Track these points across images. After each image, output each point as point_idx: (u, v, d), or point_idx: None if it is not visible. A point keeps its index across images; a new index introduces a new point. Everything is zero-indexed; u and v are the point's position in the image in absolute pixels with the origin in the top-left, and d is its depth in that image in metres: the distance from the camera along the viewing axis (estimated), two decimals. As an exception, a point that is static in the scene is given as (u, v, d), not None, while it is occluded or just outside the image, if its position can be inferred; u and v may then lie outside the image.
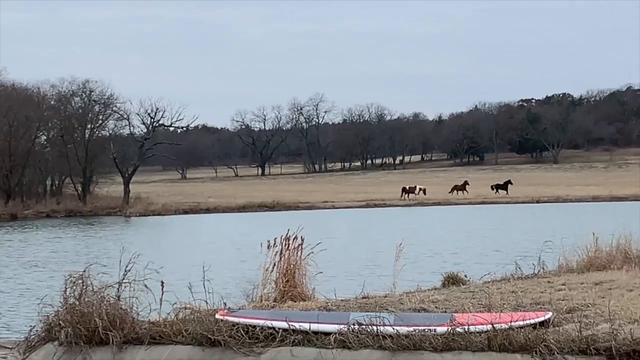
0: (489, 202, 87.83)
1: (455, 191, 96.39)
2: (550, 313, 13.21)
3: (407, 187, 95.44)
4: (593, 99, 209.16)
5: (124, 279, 14.36)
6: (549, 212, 67.84)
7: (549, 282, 17.48)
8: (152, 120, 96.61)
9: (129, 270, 14.43)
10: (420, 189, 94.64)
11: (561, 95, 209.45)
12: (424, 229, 49.23)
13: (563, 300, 14.71)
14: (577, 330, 12.03)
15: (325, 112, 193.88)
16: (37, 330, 14.56)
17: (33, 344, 14.38)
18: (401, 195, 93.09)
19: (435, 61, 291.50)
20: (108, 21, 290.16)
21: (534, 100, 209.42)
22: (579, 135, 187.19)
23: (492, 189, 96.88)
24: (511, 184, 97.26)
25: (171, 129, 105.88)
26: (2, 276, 29.02)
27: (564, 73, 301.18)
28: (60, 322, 14.06)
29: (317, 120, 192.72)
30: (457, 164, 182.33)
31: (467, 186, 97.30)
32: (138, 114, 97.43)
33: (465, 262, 27.77)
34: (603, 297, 14.70)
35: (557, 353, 11.65)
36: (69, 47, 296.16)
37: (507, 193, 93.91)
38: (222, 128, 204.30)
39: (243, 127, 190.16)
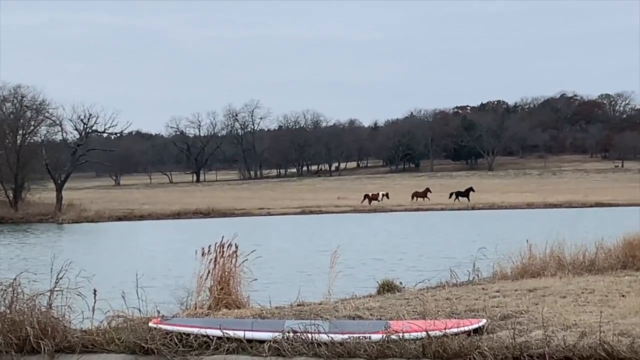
0: (425, 209, 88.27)
1: (415, 198, 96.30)
2: (485, 320, 13.26)
3: (371, 194, 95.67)
4: (527, 106, 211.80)
5: (55, 286, 14.15)
6: (483, 219, 68.36)
7: (483, 289, 17.58)
8: (85, 126, 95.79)
9: (61, 278, 14.23)
10: (382, 195, 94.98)
11: (496, 102, 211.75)
12: (359, 236, 49.31)
13: (497, 307, 14.80)
14: (510, 337, 12.08)
15: (261, 118, 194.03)
16: (-35, 340, 14.29)
17: (-38, 353, 14.12)
18: (362, 201, 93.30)
19: (371, 68, 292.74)
20: (41, 26, 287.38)
21: (469, 107, 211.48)
22: (514, 142, 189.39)
23: (452, 196, 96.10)
24: (473, 191, 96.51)
25: (104, 135, 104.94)
26: None
27: (499, 80, 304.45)
28: (-10, 330, 13.82)
29: (252, 127, 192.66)
30: (393, 171, 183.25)
31: (428, 193, 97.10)
32: (71, 120, 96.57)
33: (400, 269, 27.83)
34: (537, 304, 14.82)
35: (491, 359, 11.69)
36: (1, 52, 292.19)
37: (469, 200, 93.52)
38: (156, 134, 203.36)
39: (178, 133, 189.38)
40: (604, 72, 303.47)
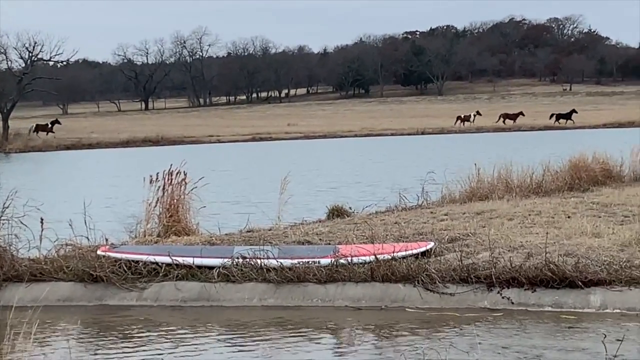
0: (375, 134, 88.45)
1: (459, 122, 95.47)
2: (432, 243, 13.40)
3: (463, 115, 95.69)
4: (476, 31, 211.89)
5: (1, 215, 14.06)
6: (433, 143, 68.66)
7: (431, 212, 17.72)
8: (31, 54, 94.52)
9: (7, 207, 14.13)
10: (474, 115, 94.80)
11: (445, 27, 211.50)
12: (309, 163, 49.36)
13: (445, 230, 14.95)
14: (458, 260, 12.23)
15: (209, 45, 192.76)
16: None
17: None
18: (455, 123, 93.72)
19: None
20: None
21: (418, 33, 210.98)
22: (463, 67, 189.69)
23: (552, 117, 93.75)
24: (576, 112, 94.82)
25: (50, 63, 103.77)
26: None
27: (448, 5, 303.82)
28: None
29: (201, 54, 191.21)
30: (343, 97, 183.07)
31: (474, 117, 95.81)
32: (15, 48, 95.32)
33: (349, 194, 27.92)
34: (484, 227, 14.99)
35: (439, 282, 11.83)
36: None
37: (573, 122, 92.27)
38: (103, 62, 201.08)
39: (125, 61, 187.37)
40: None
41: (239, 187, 33.92)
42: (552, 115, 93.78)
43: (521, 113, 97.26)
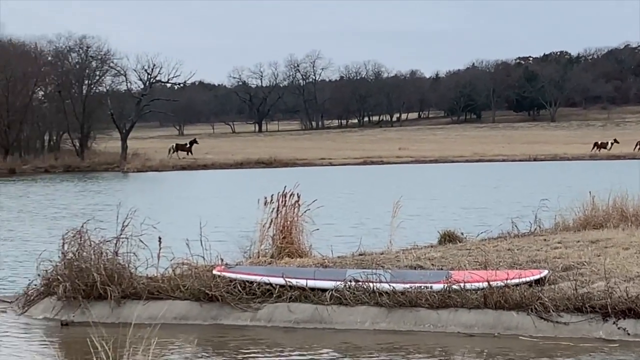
0: (486, 160, 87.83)
1: (596, 148, 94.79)
2: (546, 271, 13.27)
3: (600, 142, 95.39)
4: (591, 56, 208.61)
5: (121, 234, 14.41)
6: (546, 170, 67.85)
7: (545, 240, 17.53)
8: (149, 76, 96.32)
9: (127, 226, 14.47)
10: (611, 143, 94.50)
11: (559, 53, 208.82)
12: (421, 186, 49.26)
13: (559, 258, 14.78)
14: (572, 288, 12.10)
15: (322, 69, 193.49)
16: (35, 285, 14.65)
17: (32, 298, 14.47)
18: (592, 149, 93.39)
19: (433, 17, 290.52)
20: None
21: (531, 58, 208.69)
22: (577, 93, 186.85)
23: (637, 146, 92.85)
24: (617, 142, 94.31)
25: (168, 85, 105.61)
26: (0, 230, 29.05)
27: (562, 31, 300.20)
28: (59, 277, 14.15)
29: (314, 77, 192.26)
30: (454, 122, 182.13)
31: (611, 144, 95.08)
32: (135, 70, 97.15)
33: (461, 220, 27.79)
34: (599, 256, 14.77)
35: (553, 310, 11.73)
36: (65, 1, 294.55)
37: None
38: (219, 84, 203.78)
39: (240, 83, 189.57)
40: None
41: (351, 210, 34.04)
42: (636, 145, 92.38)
43: (616, 140, 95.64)
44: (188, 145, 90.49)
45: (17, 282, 16.99)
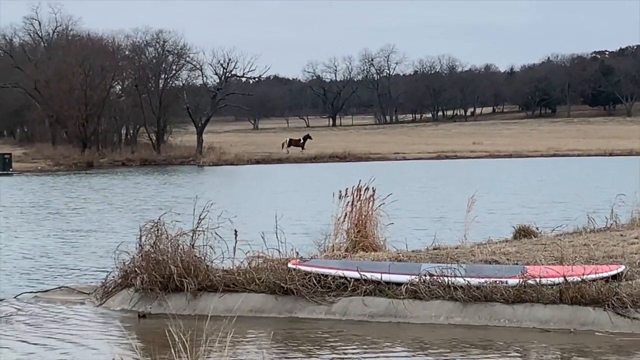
0: (561, 154, 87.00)
1: None
2: (623, 266, 13.15)
3: None
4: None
5: (197, 227, 14.57)
6: (622, 165, 66.99)
7: (621, 235, 17.35)
8: (225, 70, 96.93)
9: (203, 219, 14.62)
10: None
11: (635, 47, 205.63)
12: (495, 181, 48.98)
13: (636, 254, 14.63)
14: (650, 284, 11.98)
15: (396, 63, 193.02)
16: (113, 277, 14.89)
17: (110, 290, 14.71)
18: None
19: (507, 11, 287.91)
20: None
21: (607, 52, 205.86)
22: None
23: None
24: None
25: (243, 79, 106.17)
26: (77, 222, 29.51)
27: (639, 24, 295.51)
28: (136, 269, 14.36)
29: (388, 72, 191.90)
30: (529, 116, 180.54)
31: None
32: (211, 65, 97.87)
33: (536, 214, 27.61)
34: (678, 251, 14.59)
35: (630, 306, 11.62)
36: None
37: None
38: (293, 79, 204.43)
39: (314, 78, 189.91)
40: None
41: (425, 205, 33.99)
42: None
43: None
44: (302, 141, 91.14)
45: (97, 274, 17.29)
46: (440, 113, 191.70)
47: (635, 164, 67.43)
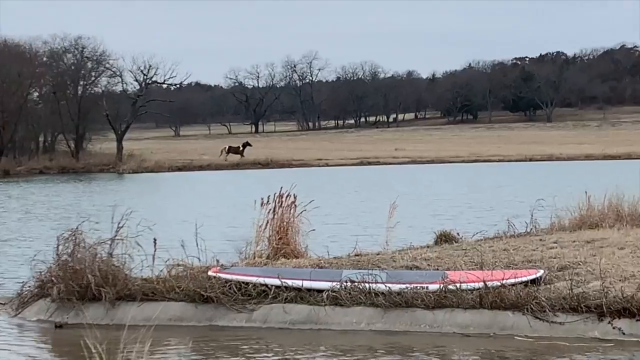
0: (482, 160, 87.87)
1: None
2: (542, 271, 13.26)
3: None
4: (586, 57, 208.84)
5: (116, 235, 14.37)
6: (541, 170, 67.87)
7: (541, 240, 17.52)
8: (145, 77, 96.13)
9: (122, 227, 14.43)
10: None
11: (555, 53, 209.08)
12: (417, 188, 49.25)
13: (555, 258, 14.76)
14: (568, 288, 12.09)
15: (319, 69, 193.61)
16: (29, 287, 14.60)
17: (26, 300, 14.43)
18: None
19: (430, 17, 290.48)
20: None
21: (527, 59, 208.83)
22: (573, 93, 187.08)
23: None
24: None
25: (164, 86, 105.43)
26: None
27: (558, 31, 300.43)
28: (53, 278, 14.10)
29: (310, 78, 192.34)
30: (451, 122, 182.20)
31: None
32: (131, 71, 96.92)
33: (458, 219, 27.79)
34: (594, 255, 14.75)
35: (549, 310, 11.71)
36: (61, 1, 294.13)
37: None
38: (215, 85, 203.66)
39: (236, 84, 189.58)
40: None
41: (347, 211, 34.01)
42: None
43: None
44: (241, 148, 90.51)
45: (15, 284, 16.93)
46: (362, 119, 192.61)
47: (555, 169, 68.43)
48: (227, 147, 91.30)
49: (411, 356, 11.00)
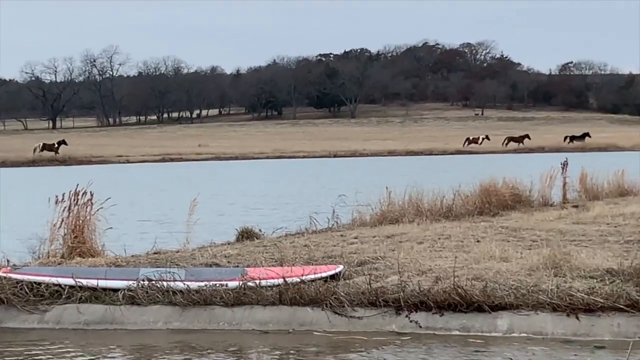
0: (287, 156, 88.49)
1: (467, 143, 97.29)
2: (341, 266, 13.31)
3: (471, 137, 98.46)
4: (390, 54, 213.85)
5: None
6: (346, 166, 68.82)
7: (342, 235, 17.67)
8: None
9: None
10: (483, 138, 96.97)
11: (359, 50, 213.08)
12: (221, 183, 49.07)
13: (355, 253, 14.86)
14: (367, 283, 12.14)
15: (120, 64, 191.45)
16: None
17: None
18: (463, 145, 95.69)
19: (234, 13, 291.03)
20: None
21: (332, 55, 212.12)
22: (376, 90, 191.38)
23: (566, 140, 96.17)
24: (589, 136, 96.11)
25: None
26: None
27: (362, 28, 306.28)
28: None
29: (111, 73, 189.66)
30: (255, 118, 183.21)
31: (482, 140, 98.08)
32: None
33: (262, 216, 27.75)
34: (393, 250, 14.94)
35: (347, 305, 11.72)
36: None
37: (585, 142, 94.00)
38: (10, 80, 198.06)
39: (33, 79, 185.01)
40: (466, 21, 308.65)
41: (147, 209, 33.49)
42: (566, 138, 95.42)
43: (527, 136, 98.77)
44: (56, 145, 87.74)
45: None
46: (165, 115, 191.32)
47: (359, 165, 69.53)
48: (41, 144, 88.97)
49: (209, 355, 10.79)
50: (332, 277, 12.76)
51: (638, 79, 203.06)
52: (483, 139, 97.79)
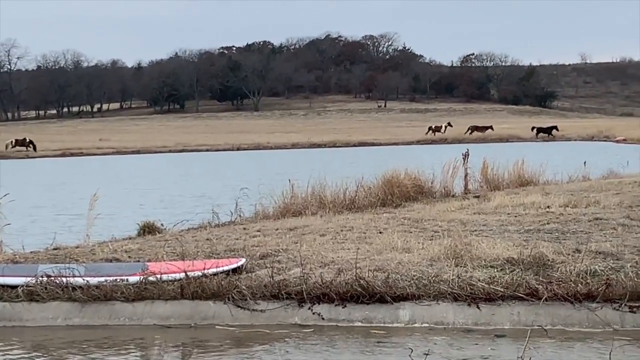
0: (190, 150, 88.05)
1: (431, 132, 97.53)
2: (244, 259, 13.27)
3: (434, 126, 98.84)
4: (293, 47, 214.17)
5: None
6: (249, 159, 68.72)
7: (244, 228, 17.63)
8: None
9: None
10: (445, 126, 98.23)
11: (262, 42, 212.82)
12: (123, 178, 48.60)
13: (257, 246, 14.84)
14: (269, 276, 12.12)
15: (18, 58, 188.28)
16: None
17: None
18: (426, 133, 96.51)
19: (133, 4, 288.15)
20: None
21: (234, 48, 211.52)
22: (279, 83, 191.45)
23: (533, 130, 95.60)
24: (557, 130, 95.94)
25: None
26: None
27: (265, 21, 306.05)
28: None
29: (9, 67, 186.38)
30: (157, 112, 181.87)
31: (445, 128, 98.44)
32: None
33: (162, 210, 27.54)
34: (296, 242, 14.95)
35: (250, 298, 11.68)
36: None
37: (553, 136, 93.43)
38: None
39: None
40: (368, 14, 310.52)
41: (47, 204, 33.00)
42: (533, 128, 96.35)
43: (490, 127, 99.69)
44: (28, 141, 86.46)
45: None
46: (65, 109, 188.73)
47: (262, 158, 69.49)
48: (14, 140, 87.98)
49: (109, 350, 10.66)
50: (235, 270, 12.71)
51: (538, 70, 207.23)
52: (446, 127, 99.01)
